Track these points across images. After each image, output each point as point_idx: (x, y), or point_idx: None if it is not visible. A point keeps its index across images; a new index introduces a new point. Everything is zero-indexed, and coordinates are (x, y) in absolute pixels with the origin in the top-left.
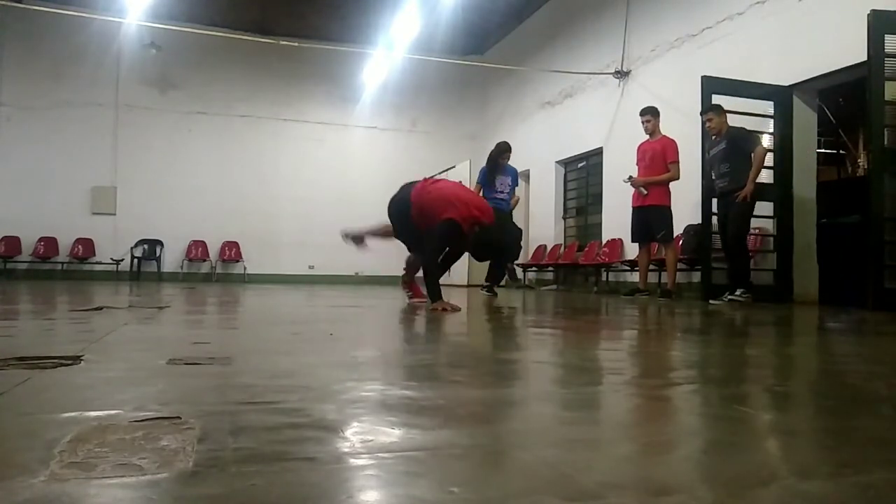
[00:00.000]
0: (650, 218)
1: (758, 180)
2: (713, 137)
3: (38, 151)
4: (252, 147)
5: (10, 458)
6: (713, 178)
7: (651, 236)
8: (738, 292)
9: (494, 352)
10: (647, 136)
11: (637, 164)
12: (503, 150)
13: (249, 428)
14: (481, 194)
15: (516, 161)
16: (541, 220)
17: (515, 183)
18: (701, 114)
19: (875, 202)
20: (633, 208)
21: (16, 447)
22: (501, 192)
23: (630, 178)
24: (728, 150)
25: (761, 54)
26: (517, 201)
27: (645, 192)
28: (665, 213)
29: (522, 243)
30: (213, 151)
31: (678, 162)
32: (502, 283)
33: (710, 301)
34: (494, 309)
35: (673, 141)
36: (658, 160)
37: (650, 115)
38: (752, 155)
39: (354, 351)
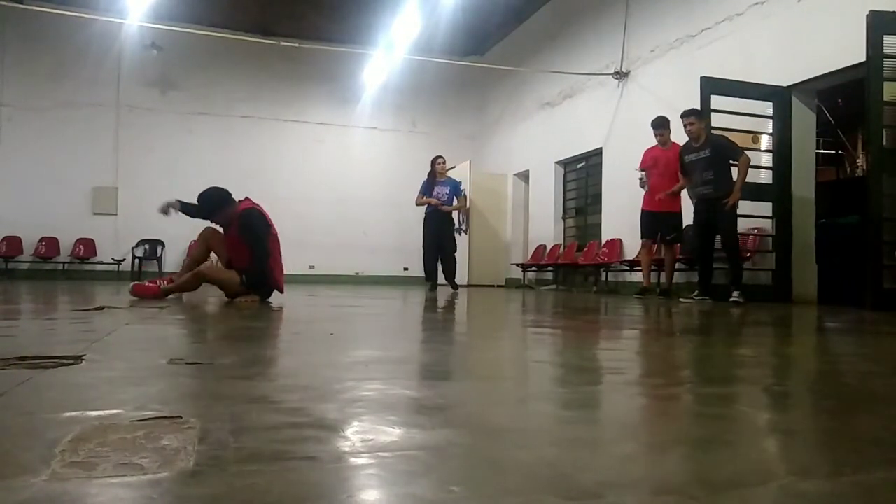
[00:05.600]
0: (664, 223)
1: (747, 181)
2: (693, 144)
3: (40, 152)
4: (253, 147)
5: (12, 458)
6: (697, 184)
7: (661, 237)
8: (735, 294)
9: (495, 351)
10: (655, 141)
11: (648, 169)
12: (433, 160)
13: (250, 427)
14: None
15: (517, 161)
16: (540, 220)
17: (456, 192)
18: (682, 116)
19: (874, 202)
20: (646, 211)
21: (17, 446)
22: (439, 199)
23: (643, 180)
24: (712, 159)
25: (760, 55)
26: (461, 205)
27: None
28: (678, 219)
29: (522, 243)
30: (214, 152)
31: None
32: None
33: (681, 299)
34: (491, 308)
35: None
36: (672, 168)
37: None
38: (739, 164)
39: (355, 350)
